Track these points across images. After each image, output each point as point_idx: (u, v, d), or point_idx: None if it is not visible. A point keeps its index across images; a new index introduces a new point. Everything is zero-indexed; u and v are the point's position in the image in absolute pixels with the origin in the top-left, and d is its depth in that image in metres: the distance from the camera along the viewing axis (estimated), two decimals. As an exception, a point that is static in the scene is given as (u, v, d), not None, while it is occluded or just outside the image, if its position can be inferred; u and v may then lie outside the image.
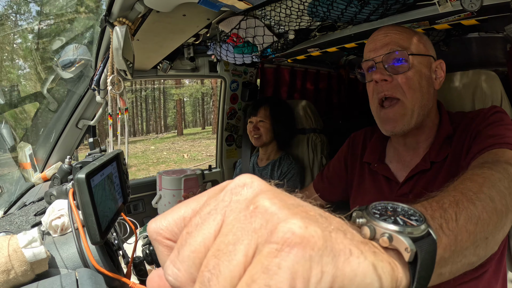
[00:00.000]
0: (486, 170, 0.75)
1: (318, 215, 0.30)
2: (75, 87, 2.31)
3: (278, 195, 0.30)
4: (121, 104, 1.56)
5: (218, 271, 0.26)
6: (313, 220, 0.28)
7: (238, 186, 0.31)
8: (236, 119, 3.11)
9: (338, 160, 1.54)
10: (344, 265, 0.27)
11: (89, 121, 2.32)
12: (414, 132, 1.20)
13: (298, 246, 0.26)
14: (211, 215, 0.30)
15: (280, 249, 0.26)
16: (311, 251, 0.26)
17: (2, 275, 0.72)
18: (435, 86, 1.19)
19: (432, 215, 0.51)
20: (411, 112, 1.13)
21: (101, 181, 0.91)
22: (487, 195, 0.63)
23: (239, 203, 0.30)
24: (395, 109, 1.15)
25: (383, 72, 1.14)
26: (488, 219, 0.59)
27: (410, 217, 0.38)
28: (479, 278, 1.09)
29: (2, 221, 1.33)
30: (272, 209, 0.28)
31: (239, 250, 0.27)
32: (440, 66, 1.19)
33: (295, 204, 0.30)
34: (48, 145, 2.31)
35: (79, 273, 0.78)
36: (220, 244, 0.28)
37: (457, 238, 0.51)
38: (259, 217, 0.28)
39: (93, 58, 2.04)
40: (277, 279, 0.25)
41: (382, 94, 1.16)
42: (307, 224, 0.27)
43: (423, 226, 0.37)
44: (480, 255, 0.58)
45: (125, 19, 1.31)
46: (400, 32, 1.16)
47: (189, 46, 2.33)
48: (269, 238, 0.27)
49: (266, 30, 1.71)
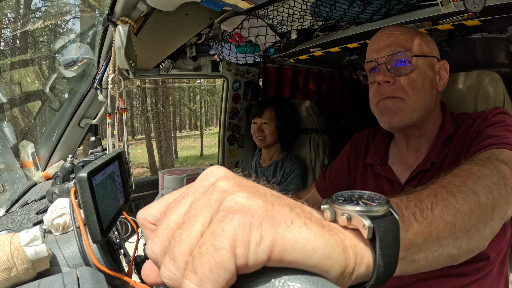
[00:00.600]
0: (474, 166, 0.75)
1: (269, 194, 0.36)
2: (78, 86, 2.31)
3: (235, 178, 0.37)
4: (120, 104, 1.56)
5: (181, 239, 0.32)
6: (258, 195, 0.34)
7: (206, 175, 0.38)
8: (238, 119, 3.11)
9: (341, 160, 1.53)
10: (284, 232, 0.31)
11: (91, 120, 2.33)
12: (415, 133, 1.20)
13: (239, 212, 0.31)
14: (183, 199, 0.36)
15: (225, 215, 0.32)
16: (251, 217, 0.31)
17: (3, 273, 0.72)
18: (439, 87, 1.18)
19: (406, 204, 0.53)
20: (412, 110, 1.12)
21: (103, 180, 0.91)
22: (470, 188, 0.64)
23: (204, 187, 0.36)
24: (395, 101, 1.13)
25: (386, 74, 1.13)
26: (470, 212, 0.59)
27: (372, 200, 0.41)
28: (482, 280, 1.09)
29: (4, 219, 1.34)
30: (225, 187, 0.34)
31: (198, 221, 0.33)
32: (443, 67, 1.18)
33: (248, 185, 0.36)
34: (50, 144, 2.32)
35: (80, 271, 0.78)
36: (185, 218, 0.34)
37: (431, 226, 0.52)
38: (215, 194, 0.34)
39: (95, 57, 2.05)
40: (221, 240, 0.30)
41: (384, 96, 1.14)
42: (250, 196, 0.33)
43: (383, 207, 0.40)
44: (462, 248, 0.59)
45: (127, 18, 1.31)
46: (403, 32, 1.15)
47: (191, 45, 2.32)
48: (219, 208, 0.33)
49: (269, 30, 1.71)
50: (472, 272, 1.08)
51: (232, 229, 0.31)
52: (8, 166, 2.07)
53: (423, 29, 1.64)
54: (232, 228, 0.31)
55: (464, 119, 1.17)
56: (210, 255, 0.30)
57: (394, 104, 1.13)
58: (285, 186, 2.30)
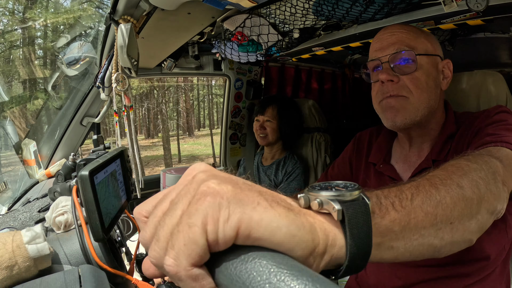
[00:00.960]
0: (463, 161, 0.75)
1: (241, 182, 0.40)
2: (80, 84, 2.31)
3: (212, 171, 0.42)
4: (126, 102, 1.56)
5: (164, 223, 0.37)
6: (230, 182, 0.39)
7: (189, 170, 0.43)
8: (240, 118, 3.11)
9: (343, 159, 1.52)
10: (251, 211, 0.36)
11: (93, 119, 2.33)
12: (418, 132, 1.19)
13: (210, 195, 0.36)
14: (170, 192, 0.41)
15: (198, 198, 0.37)
16: (220, 199, 0.36)
17: (5, 271, 0.72)
18: (442, 86, 1.17)
19: (387, 195, 0.54)
20: (415, 109, 1.11)
21: (105, 178, 0.91)
22: (454, 181, 0.64)
23: (187, 180, 0.41)
24: (398, 100, 1.12)
25: (390, 72, 1.12)
26: (452, 204, 0.59)
27: (346, 187, 0.45)
28: (484, 280, 1.09)
29: (6, 217, 1.34)
30: (202, 177, 0.39)
31: (178, 207, 0.37)
32: (447, 65, 1.17)
33: (223, 175, 0.41)
34: (52, 142, 2.32)
35: (82, 269, 0.78)
36: (170, 206, 0.39)
37: (410, 215, 0.53)
38: (194, 184, 0.39)
39: (98, 55, 2.05)
40: (194, 218, 0.35)
41: (388, 94, 1.13)
42: (221, 182, 0.38)
43: (353, 191, 0.44)
44: (445, 239, 0.59)
45: (130, 17, 1.31)
46: (407, 31, 1.14)
47: (193, 44, 2.32)
48: (195, 193, 0.38)
49: (271, 29, 1.70)
50: (473, 273, 1.07)
51: (204, 208, 0.36)
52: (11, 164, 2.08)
53: (426, 29, 1.63)
54: (203, 208, 0.36)
55: (466, 118, 1.16)
56: (184, 232, 0.35)
57: (397, 103, 1.12)
58: (287, 185, 2.31)
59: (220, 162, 3.17)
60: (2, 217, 1.37)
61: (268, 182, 2.40)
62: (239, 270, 0.35)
